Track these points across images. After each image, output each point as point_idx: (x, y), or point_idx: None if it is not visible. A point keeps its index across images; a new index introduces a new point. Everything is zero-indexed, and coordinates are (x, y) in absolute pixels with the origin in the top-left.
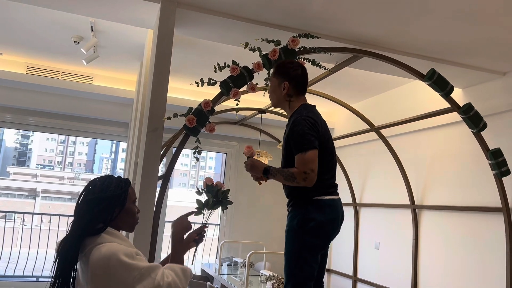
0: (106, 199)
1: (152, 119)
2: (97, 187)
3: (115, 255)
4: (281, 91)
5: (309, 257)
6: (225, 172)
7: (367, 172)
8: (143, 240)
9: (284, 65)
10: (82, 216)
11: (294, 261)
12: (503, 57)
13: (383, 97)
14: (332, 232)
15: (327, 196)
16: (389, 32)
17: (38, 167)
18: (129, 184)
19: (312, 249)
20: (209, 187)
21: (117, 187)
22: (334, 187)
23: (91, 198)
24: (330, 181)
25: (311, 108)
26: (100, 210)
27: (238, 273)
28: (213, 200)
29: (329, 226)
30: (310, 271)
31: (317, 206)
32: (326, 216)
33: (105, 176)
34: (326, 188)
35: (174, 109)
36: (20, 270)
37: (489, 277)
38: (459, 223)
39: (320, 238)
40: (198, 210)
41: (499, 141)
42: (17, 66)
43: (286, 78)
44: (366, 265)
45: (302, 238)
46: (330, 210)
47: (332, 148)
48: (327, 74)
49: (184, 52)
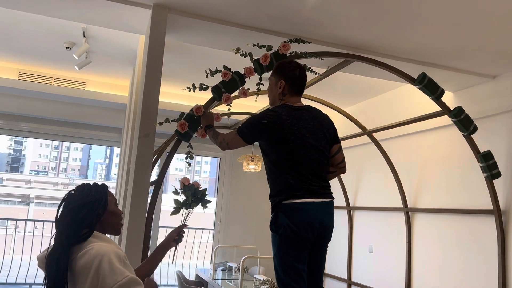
0: (88, 203)
1: (144, 124)
2: (77, 196)
3: (107, 256)
4: (277, 89)
5: (288, 257)
6: (219, 176)
7: (360, 176)
8: (135, 246)
9: (282, 65)
10: (67, 226)
11: (277, 264)
12: (493, 61)
13: (375, 101)
14: (306, 236)
15: (295, 200)
16: (380, 36)
17: (31, 173)
18: (107, 187)
19: (289, 251)
20: (186, 187)
21: (97, 192)
22: (305, 190)
23: (73, 206)
24: (298, 184)
25: (281, 108)
26: (84, 216)
27: (233, 277)
28: (192, 200)
29: (300, 231)
30: (294, 271)
31: (284, 210)
32: (293, 220)
33: (81, 184)
34: (292, 190)
35: (166, 114)
36: (13, 277)
37: (481, 278)
38: (452, 225)
39: (291, 242)
40: (175, 209)
41: (490, 144)
42: (9, 72)
43: (283, 77)
44: (360, 268)
45: (277, 242)
46: (298, 214)
47: (308, 150)
48: (319, 78)
49: (176, 57)
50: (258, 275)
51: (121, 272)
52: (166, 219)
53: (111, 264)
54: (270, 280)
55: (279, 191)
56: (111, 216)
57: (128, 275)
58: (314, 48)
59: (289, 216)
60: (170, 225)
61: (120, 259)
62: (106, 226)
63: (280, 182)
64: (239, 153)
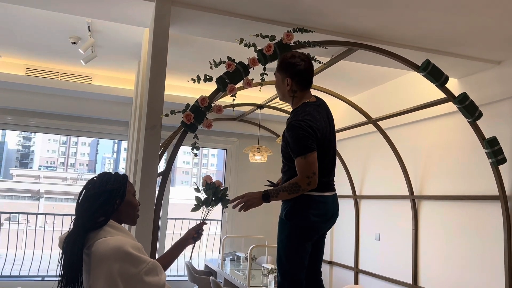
0: (106, 192)
1: (150, 117)
2: (97, 183)
3: (123, 248)
4: (284, 86)
5: (296, 246)
6: (226, 167)
7: (366, 165)
8: (144, 237)
9: (286, 61)
10: (84, 212)
11: (282, 251)
12: (498, 46)
13: (380, 89)
14: (318, 227)
15: (316, 192)
16: (383, 24)
17: (40, 169)
18: (126, 178)
19: (298, 240)
20: (208, 185)
21: (116, 180)
22: (324, 184)
23: (92, 193)
24: (324, 179)
25: (310, 108)
26: (102, 203)
27: (241, 267)
28: (212, 198)
29: (317, 222)
30: (299, 260)
31: (304, 201)
32: (313, 211)
33: (103, 173)
34: (319, 184)
35: (172, 107)
36: (25, 271)
37: (488, 264)
38: (458, 212)
39: (303, 232)
40: (196, 206)
41: (495, 130)
42: (17, 68)
43: (289, 75)
44: (367, 256)
45: (288, 229)
46: (318, 207)
47: (326, 147)
48: (323, 68)
49: (181, 50)
50: (266, 264)
51: (144, 259)
52: (173, 212)
53: (130, 255)
54: None
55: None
56: (128, 206)
57: (151, 260)
58: (317, 37)
59: (309, 207)
60: (178, 217)
61: (137, 249)
62: (122, 216)
63: None
64: (245, 145)
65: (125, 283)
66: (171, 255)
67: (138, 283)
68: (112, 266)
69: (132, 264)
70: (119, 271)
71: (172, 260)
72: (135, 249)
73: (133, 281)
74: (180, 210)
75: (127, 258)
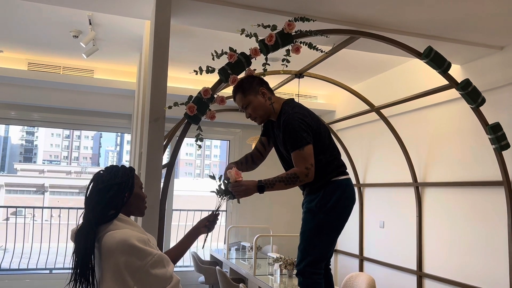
0: (115, 185)
1: (153, 109)
2: (105, 176)
3: (129, 241)
4: (264, 100)
5: (325, 237)
6: (229, 158)
7: (370, 153)
8: (151, 228)
9: (246, 81)
10: (95, 205)
11: (310, 240)
12: (500, 31)
13: (382, 77)
14: (349, 211)
15: (342, 176)
16: (384, 11)
17: (44, 163)
18: (134, 170)
19: (329, 229)
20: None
21: (124, 173)
22: (344, 166)
23: (102, 187)
24: (341, 161)
25: (293, 103)
26: (111, 197)
27: (246, 257)
28: (230, 191)
29: (348, 206)
30: (324, 251)
31: (335, 187)
32: (345, 195)
33: (110, 166)
34: (340, 167)
35: (175, 99)
36: (33, 264)
37: (492, 250)
38: (461, 198)
39: (338, 218)
40: (217, 192)
41: (498, 116)
42: (18, 63)
43: (259, 85)
44: (372, 244)
45: (320, 218)
46: (347, 189)
47: (327, 131)
48: (325, 56)
49: (182, 41)
50: (271, 253)
51: (149, 252)
52: (178, 203)
53: (136, 248)
54: (283, 257)
55: (327, 170)
56: (136, 199)
57: (156, 253)
58: (319, 26)
59: (340, 192)
60: (183, 208)
61: (143, 242)
62: (131, 208)
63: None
64: (248, 135)
65: (132, 275)
66: (183, 245)
67: (145, 275)
68: (119, 259)
69: (138, 257)
70: (125, 264)
71: (185, 250)
72: (140, 242)
73: (139, 273)
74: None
75: (133, 251)
